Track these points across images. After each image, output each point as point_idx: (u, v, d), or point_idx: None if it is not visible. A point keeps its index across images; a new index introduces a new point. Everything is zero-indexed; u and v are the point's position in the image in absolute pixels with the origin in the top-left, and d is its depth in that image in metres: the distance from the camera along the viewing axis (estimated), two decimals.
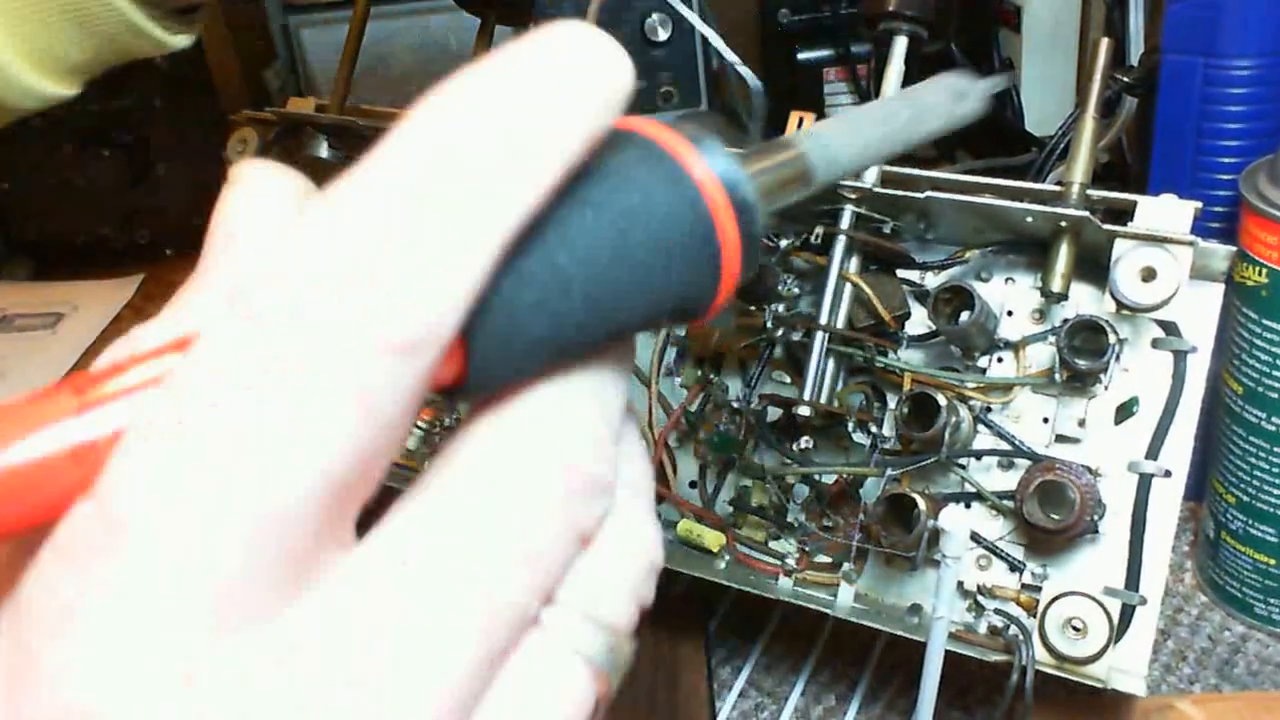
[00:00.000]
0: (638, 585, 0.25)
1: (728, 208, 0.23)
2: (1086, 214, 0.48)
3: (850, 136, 0.27)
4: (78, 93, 0.49)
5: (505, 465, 0.22)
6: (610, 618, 0.24)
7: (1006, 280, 0.54)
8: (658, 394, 0.60)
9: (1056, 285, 0.50)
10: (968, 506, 0.53)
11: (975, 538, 0.53)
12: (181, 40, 0.49)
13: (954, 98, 0.30)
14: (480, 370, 0.21)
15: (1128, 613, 0.49)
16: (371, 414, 0.19)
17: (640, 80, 0.81)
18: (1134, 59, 0.70)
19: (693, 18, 0.58)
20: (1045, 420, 0.52)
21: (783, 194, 0.25)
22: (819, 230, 0.53)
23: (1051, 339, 0.52)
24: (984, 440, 0.53)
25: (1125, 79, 0.68)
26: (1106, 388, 0.51)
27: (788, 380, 0.57)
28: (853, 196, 0.52)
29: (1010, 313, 0.53)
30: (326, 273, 0.19)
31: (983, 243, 0.53)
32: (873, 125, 0.28)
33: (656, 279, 0.22)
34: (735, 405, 0.58)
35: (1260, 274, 0.55)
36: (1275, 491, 0.58)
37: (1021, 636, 0.50)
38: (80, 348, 1.03)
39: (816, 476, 0.56)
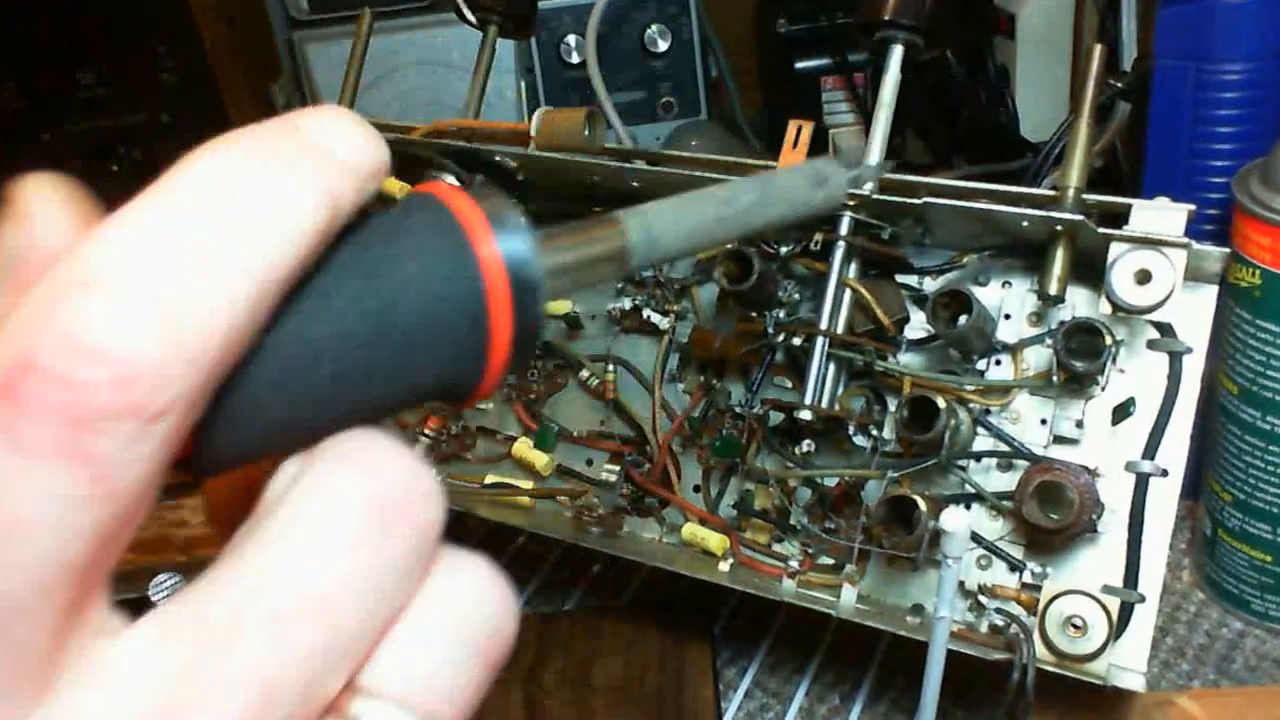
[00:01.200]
0: (469, 654, 0.21)
1: (505, 292, 0.21)
2: (1082, 218, 0.48)
3: (679, 219, 0.25)
4: None
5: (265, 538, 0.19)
6: (430, 704, 0.20)
7: (1004, 284, 0.54)
8: (661, 400, 0.61)
9: (1053, 288, 0.50)
10: (968, 507, 0.53)
11: (975, 538, 0.53)
12: None
13: (814, 183, 0.29)
14: (208, 450, 0.19)
15: (1127, 610, 0.50)
16: (106, 492, 0.17)
17: (640, 91, 0.82)
18: (1127, 64, 0.71)
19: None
20: (1043, 421, 0.52)
21: (592, 274, 0.24)
22: (818, 237, 0.54)
23: (1048, 341, 0.52)
24: (983, 442, 0.53)
25: (1118, 84, 0.68)
26: (1103, 389, 0.51)
27: (789, 385, 0.58)
28: (851, 203, 0.52)
29: (1007, 316, 0.53)
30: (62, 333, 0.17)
31: (980, 247, 0.54)
32: (707, 207, 0.26)
33: (418, 359, 0.20)
34: (738, 410, 0.59)
35: (1253, 275, 0.55)
36: (1271, 489, 0.58)
37: (1022, 635, 0.50)
38: None
39: (818, 480, 0.56)
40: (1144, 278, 0.48)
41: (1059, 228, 0.49)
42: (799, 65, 1.01)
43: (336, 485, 0.19)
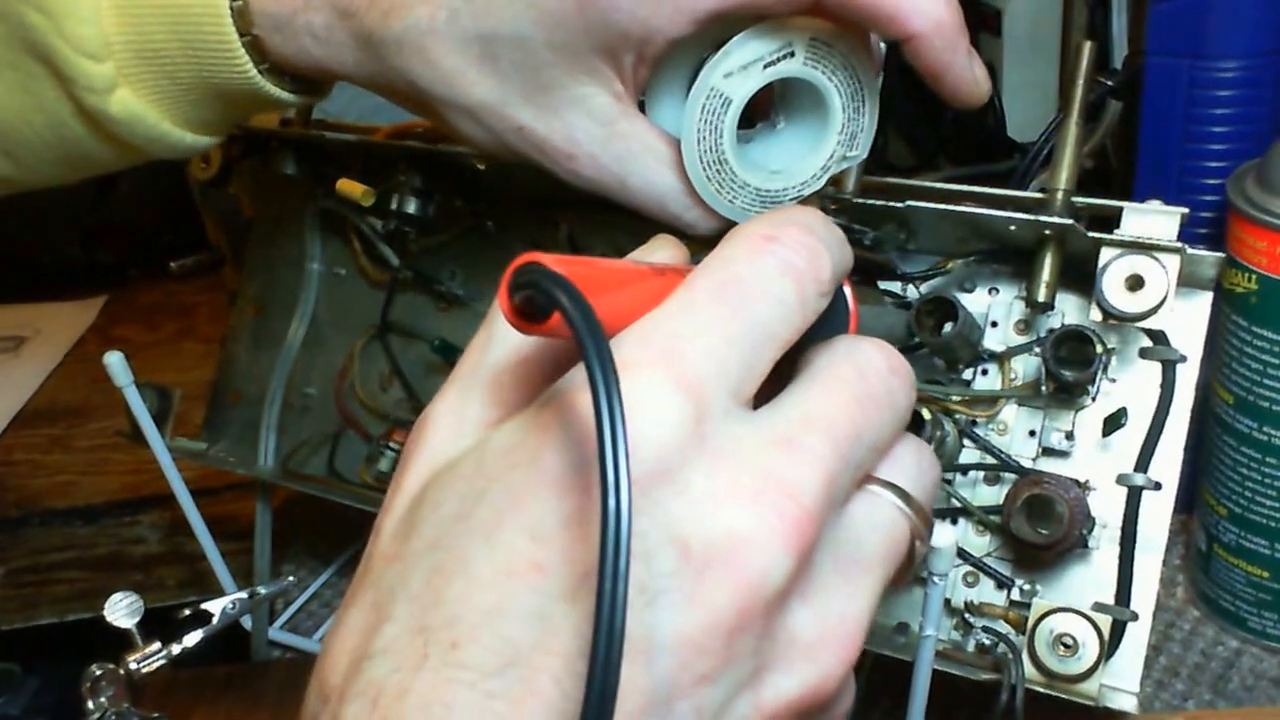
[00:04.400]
0: (934, 481, 0.36)
1: (854, 300, 0.38)
2: (1071, 222, 0.48)
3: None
4: (219, 140, 0.57)
5: (857, 376, 0.34)
6: (914, 492, 0.34)
7: (990, 290, 0.53)
8: None
9: (1041, 295, 0.49)
10: (954, 522, 0.53)
11: (962, 554, 0.52)
12: (313, 100, 0.56)
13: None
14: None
15: (1119, 629, 0.49)
16: (805, 320, 0.33)
17: None
18: (1118, 62, 0.70)
19: None
20: (1032, 433, 0.52)
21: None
22: None
23: (1037, 350, 0.51)
24: (969, 454, 0.53)
25: (1109, 82, 0.67)
26: (1094, 399, 0.51)
27: None
28: (832, 207, 0.52)
29: (994, 324, 0.53)
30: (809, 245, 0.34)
31: (965, 252, 0.53)
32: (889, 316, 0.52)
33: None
34: None
35: (1250, 280, 0.55)
36: (1268, 503, 0.58)
37: (1010, 654, 0.49)
38: (44, 371, 1.02)
39: None
40: (1136, 283, 0.47)
41: (1047, 232, 0.49)
42: None
43: (868, 350, 0.34)
